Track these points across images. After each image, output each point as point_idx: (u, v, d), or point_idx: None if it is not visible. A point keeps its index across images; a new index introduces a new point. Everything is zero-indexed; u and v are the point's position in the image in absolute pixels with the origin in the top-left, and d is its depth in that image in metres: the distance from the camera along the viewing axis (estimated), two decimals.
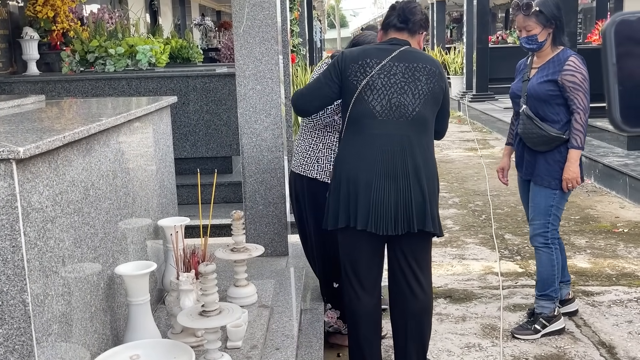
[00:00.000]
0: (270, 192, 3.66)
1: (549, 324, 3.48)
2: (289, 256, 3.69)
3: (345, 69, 2.71)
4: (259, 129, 3.61)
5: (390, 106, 2.66)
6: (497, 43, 15.81)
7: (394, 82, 2.67)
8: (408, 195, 2.63)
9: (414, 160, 2.65)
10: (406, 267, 2.78)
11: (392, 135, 2.65)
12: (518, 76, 3.56)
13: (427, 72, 2.69)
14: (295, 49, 7.23)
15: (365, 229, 2.64)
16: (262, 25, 3.49)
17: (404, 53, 2.72)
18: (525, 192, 3.61)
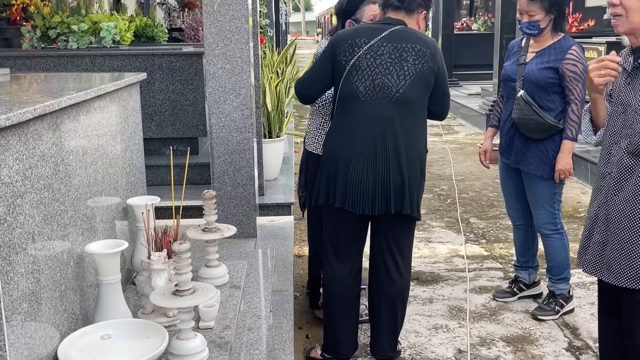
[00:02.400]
0: (239, 174, 3.62)
1: (566, 304, 3.57)
2: (258, 238, 3.66)
3: (336, 48, 2.72)
4: (228, 109, 3.56)
5: (374, 87, 2.65)
6: (461, 30, 15.91)
7: (380, 63, 2.65)
8: (387, 177, 2.63)
9: (395, 142, 2.64)
10: (386, 250, 2.80)
11: (375, 116, 2.65)
12: (512, 58, 3.50)
13: (416, 52, 2.66)
14: (263, 30, 7.14)
15: (343, 207, 2.66)
16: (233, 3, 3.43)
17: (395, 33, 2.69)
18: (510, 179, 3.61)
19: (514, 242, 3.79)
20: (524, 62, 3.38)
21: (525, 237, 3.70)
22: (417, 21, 2.81)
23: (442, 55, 2.79)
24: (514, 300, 3.72)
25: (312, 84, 2.88)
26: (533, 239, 3.70)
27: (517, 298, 3.73)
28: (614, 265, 2.12)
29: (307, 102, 3.02)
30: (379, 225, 2.79)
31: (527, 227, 3.66)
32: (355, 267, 2.88)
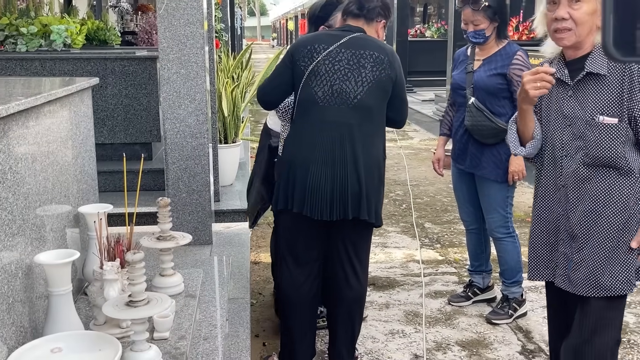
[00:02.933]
0: (194, 180, 3.57)
1: (520, 307, 3.62)
2: (213, 245, 3.62)
3: (295, 53, 2.72)
4: (182, 114, 3.51)
5: (332, 92, 2.66)
6: (415, 36, 16.10)
7: (338, 69, 2.66)
8: (345, 182, 2.63)
9: (352, 148, 2.64)
10: (345, 256, 2.80)
11: (333, 121, 2.66)
12: (459, 67, 3.56)
13: (374, 59, 2.67)
14: (218, 34, 7.09)
15: (302, 212, 2.65)
16: (187, 8, 3.39)
17: (354, 40, 2.71)
18: (463, 184, 3.66)
19: (467, 246, 3.84)
20: (471, 71, 3.44)
21: (478, 241, 3.75)
22: (377, 30, 2.84)
23: (400, 64, 2.81)
24: (469, 305, 3.76)
25: (272, 89, 2.87)
26: (486, 243, 3.76)
27: (471, 302, 3.77)
28: (580, 276, 2.16)
29: (268, 108, 3.01)
30: (337, 231, 2.79)
31: (479, 231, 3.72)
32: (314, 273, 2.87)
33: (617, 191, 2.10)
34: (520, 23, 9.58)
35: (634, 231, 2.11)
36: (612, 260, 2.12)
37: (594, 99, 2.08)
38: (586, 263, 2.14)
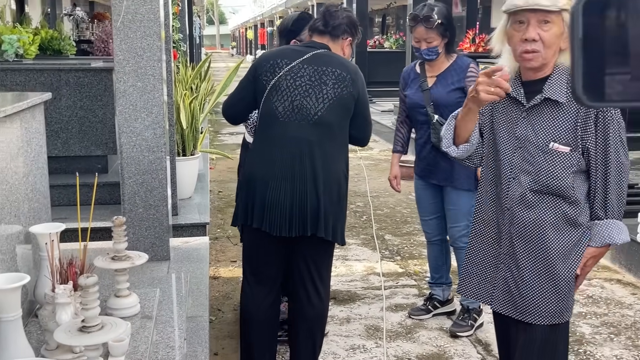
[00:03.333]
0: (151, 195, 3.50)
1: (479, 317, 3.65)
2: (171, 261, 3.55)
3: (258, 68, 2.72)
4: (139, 127, 3.44)
5: (293, 108, 2.64)
6: (374, 47, 16.22)
7: (299, 85, 2.65)
8: (304, 198, 2.61)
9: (312, 164, 2.62)
10: (306, 274, 2.77)
11: (293, 137, 2.64)
12: (412, 86, 3.56)
13: (336, 76, 2.66)
14: (176, 45, 7.00)
15: (260, 228, 2.63)
16: (144, 20, 3.33)
17: (317, 56, 2.70)
18: (429, 196, 3.66)
19: (428, 258, 3.85)
20: (427, 88, 3.46)
21: (440, 252, 3.76)
22: (342, 47, 2.84)
23: (364, 82, 2.80)
24: (429, 318, 3.77)
25: (236, 103, 2.86)
26: (447, 254, 3.77)
27: (431, 315, 3.78)
28: (525, 303, 2.13)
29: (233, 122, 2.99)
30: (298, 248, 2.76)
31: (442, 242, 3.74)
32: (275, 290, 2.84)
33: (563, 220, 2.08)
34: (476, 35, 9.73)
35: (579, 259, 2.10)
36: (558, 287, 2.10)
37: (548, 125, 2.04)
38: (531, 290, 2.12)
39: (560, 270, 2.10)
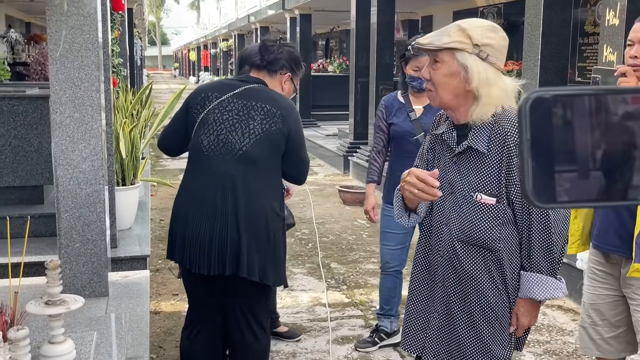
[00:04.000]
0: (88, 228, 3.37)
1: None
2: (110, 297, 3.41)
3: (191, 101, 2.68)
4: (76, 159, 3.32)
5: (218, 142, 2.59)
6: (318, 71, 16.32)
7: (226, 119, 2.59)
8: (224, 235, 2.52)
9: (234, 199, 2.53)
10: (239, 314, 2.70)
11: (216, 171, 2.57)
12: (398, 115, 3.51)
13: (265, 112, 2.60)
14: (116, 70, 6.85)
15: (181, 263, 2.60)
16: (82, 50, 3.22)
17: (248, 90, 2.64)
18: (400, 227, 3.55)
19: (381, 289, 3.81)
20: (417, 118, 3.44)
21: (393, 284, 3.74)
22: (281, 82, 2.78)
23: (299, 120, 2.72)
24: (375, 350, 3.74)
25: (169, 136, 2.82)
26: (400, 286, 3.76)
27: (378, 347, 3.75)
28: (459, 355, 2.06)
29: (168, 154, 2.93)
30: (230, 289, 2.67)
31: (398, 273, 3.73)
32: (213, 329, 2.76)
33: (486, 274, 1.99)
34: None
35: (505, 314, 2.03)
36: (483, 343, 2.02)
37: (473, 174, 1.97)
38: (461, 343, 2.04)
39: (481, 326, 2.01)
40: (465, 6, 11.90)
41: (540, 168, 0.45)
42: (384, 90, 9.29)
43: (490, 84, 1.89)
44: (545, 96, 0.46)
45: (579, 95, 0.46)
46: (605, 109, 0.45)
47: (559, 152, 0.46)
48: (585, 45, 8.21)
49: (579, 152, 0.45)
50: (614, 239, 2.45)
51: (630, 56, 2.39)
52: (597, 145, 0.45)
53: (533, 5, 5.31)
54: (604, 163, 0.45)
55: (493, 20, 10.74)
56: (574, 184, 0.45)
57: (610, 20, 4.12)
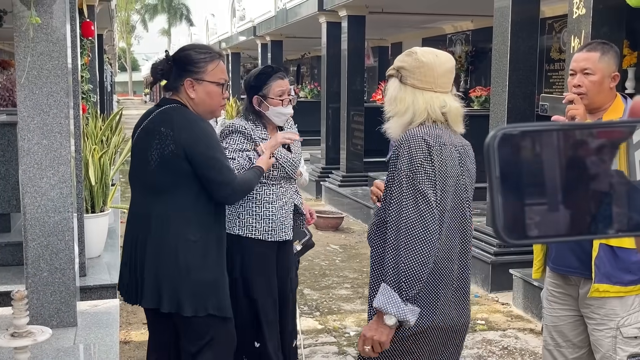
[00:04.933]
0: (56, 257, 3.31)
1: None
2: (78, 327, 3.34)
3: (134, 130, 2.62)
4: (44, 187, 3.27)
5: (133, 173, 2.59)
6: None
7: (135, 151, 2.58)
8: (135, 265, 2.53)
9: (146, 230, 2.49)
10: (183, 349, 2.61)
11: (134, 203, 2.60)
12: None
13: (159, 135, 2.42)
14: (86, 96, 6.80)
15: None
16: (51, 76, 3.19)
17: (156, 114, 2.52)
18: None
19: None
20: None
21: None
22: (187, 92, 2.51)
23: (198, 137, 2.43)
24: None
25: None
26: None
27: None
28: None
29: None
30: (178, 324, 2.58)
31: None
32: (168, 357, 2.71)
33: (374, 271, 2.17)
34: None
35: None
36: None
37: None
38: None
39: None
40: (433, 33, 12.11)
41: (510, 204, 0.46)
42: (355, 115, 9.36)
43: (397, 103, 2.08)
44: (513, 132, 0.46)
45: (546, 131, 0.46)
46: (572, 144, 0.46)
47: (528, 188, 0.46)
48: (552, 72, 8.39)
49: (547, 188, 0.46)
50: (572, 261, 2.51)
51: (573, 85, 2.47)
52: (565, 180, 0.46)
53: (500, 33, 5.41)
54: (573, 198, 0.46)
55: (461, 47, 10.93)
56: (544, 219, 0.46)
57: (575, 47, 4.22)
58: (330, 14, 9.72)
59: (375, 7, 9.06)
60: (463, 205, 2.08)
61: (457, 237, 2.08)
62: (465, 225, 2.10)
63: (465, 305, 2.15)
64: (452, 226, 2.05)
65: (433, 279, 2.02)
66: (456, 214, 2.06)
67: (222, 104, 2.60)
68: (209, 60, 2.52)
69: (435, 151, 1.98)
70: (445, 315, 2.06)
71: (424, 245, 1.91)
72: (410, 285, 1.91)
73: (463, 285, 2.14)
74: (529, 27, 5.36)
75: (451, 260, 2.06)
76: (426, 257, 1.91)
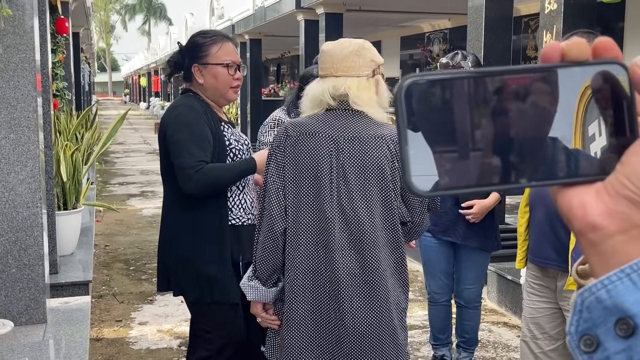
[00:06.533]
0: (25, 253, 3.26)
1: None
2: (48, 324, 3.30)
3: None
4: (12, 182, 3.22)
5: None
6: (269, 95, 16.36)
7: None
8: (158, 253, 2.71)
9: (162, 217, 2.64)
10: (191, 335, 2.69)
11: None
12: None
13: (161, 126, 2.58)
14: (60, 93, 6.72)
15: None
16: (18, 69, 3.15)
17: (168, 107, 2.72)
18: (442, 255, 3.50)
19: (433, 319, 3.66)
20: None
21: (447, 313, 3.63)
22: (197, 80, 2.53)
23: (176, 122, 2.44)
24: None
25: None
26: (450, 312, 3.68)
27: None
28: None
29: None
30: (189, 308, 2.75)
31: (449, 302, 3.62)
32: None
33: None
34: None
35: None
36: None
37: None
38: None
39: None
40: (412, 32, 12.15)
41: (420, 156, 0.44)
42: None
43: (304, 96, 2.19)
44: (420, 81, 0.44)
45: (455, 79, 0.44)
46: (482, 91, 0.44)
47: (437, 138, 0.44)
48: None
49: (458, 138, 0.44)
50: (549, 253, 2.50)
51: None
52: (476, 129, 0.44)
53: (474, 30, 5.44)
54: (483, 147, 0.44)
55: (439, 46, 10.98)
56: (455, 171, 0.44)
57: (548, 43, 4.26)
58: (308, 12, 9.71)
59: (353, 5, 9.07)
60: (323, 201, 1.98)
61: (319, 234, 2.00)
62: (327, 223, 1.98)
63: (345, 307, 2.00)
64: (309, 221, 2.00)
65: (288, 269, 2.05)
66: (315, 209, 1.99)
67: (232, 85, 2.53)
68: (212, 43, 2.51)
69: (291, 141, 1.98)
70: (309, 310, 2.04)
71: (263, 232, 2.03)
72: (257, 267, 2.08)
73: (337, 288, 2.00)
74: (503, 25, 5.39)
75: (308, 256, 2.02)
76: (264, 242, 2.04)
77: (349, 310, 1.99)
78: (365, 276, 2.00)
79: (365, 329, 2.00)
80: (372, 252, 2.00)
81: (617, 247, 0.42)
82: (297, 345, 2.05)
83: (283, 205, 2.02)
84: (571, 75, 0.45)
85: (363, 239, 1.99)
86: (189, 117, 2.43)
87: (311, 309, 2.03)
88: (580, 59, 0.45)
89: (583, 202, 0.44)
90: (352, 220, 1.99)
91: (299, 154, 1.99)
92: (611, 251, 0.43)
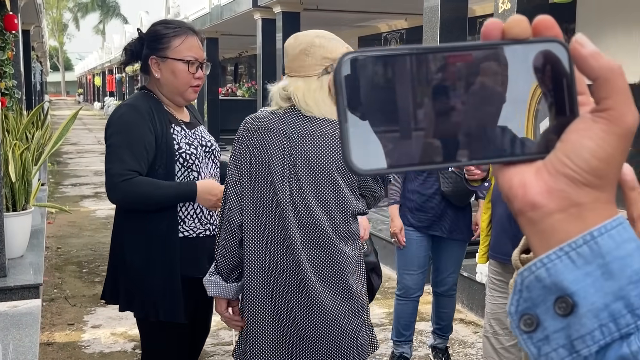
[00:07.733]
0: None
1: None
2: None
3: None
4: None
5: None
6: (227, 95, 16.25)
7: None
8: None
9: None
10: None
11: None
12: None
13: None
14: (9, 92, 6.54)
15: None
16: None
17: None
18: (422, 250, 3.57)
19: (400, 316, 3.67)
20: None
21: (415, 308, 3.68)
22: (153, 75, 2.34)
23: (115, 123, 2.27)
24: None
25: None
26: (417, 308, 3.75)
27: None
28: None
29: None
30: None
31: (418, 297, 3.67)
32: None
33: None
34: None
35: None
36: None
37: None
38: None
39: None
40: (369, 32, 12.21)
41: (361, 134, 0.43)
42: None
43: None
44: (359, 57, 0.43)
45: (395, 55, 0.43)
46: (423, 68, 0.43)
47: (378, 116, 0.43)
48: None
49: (399, 115, 0.43)
50: (508, 248, 2.52)
51: None
52: (417, 106, 0.43)
53: (430, 30, 5.49)
54: (424, 125, 0.43)
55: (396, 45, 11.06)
56: (396, 149, 0.43)
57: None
58: (265, 11, 9.67)
59: (310, 4, 9.06)
60: (278, 197, 1.95)
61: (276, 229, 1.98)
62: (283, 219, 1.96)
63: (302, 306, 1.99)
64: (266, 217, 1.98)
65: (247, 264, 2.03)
66: (272, 205, 1.97)
67: (191, 84, 2.31)
68: (174, 35, 2.27)
69: (247, 134, 1.99)
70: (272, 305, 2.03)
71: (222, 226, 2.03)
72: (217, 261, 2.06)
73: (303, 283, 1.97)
74: (458, 25, 5.45)
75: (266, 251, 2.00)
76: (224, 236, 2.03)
77: (309, 307, 1.97)
78: (322, 273, 1.98)
79: (327, 326, 1.98)
80: (328, 248, 1.97)
81: (556, 225, 0.42)
82: (259, 344, 2.02)
83: (239, 199, 2.00)
84: (514, 53, 0.44)
85: (317, 235, 1.97)
86: (130, 119, 2.23)
87: (270, 305, 2.00)
88: (521, 37, 0.44)
89: (523, 180, 0.44)
90: (305, 217, 1.96)
91: (253, 149, 1.97)
92: (550, 230, 0.42)
